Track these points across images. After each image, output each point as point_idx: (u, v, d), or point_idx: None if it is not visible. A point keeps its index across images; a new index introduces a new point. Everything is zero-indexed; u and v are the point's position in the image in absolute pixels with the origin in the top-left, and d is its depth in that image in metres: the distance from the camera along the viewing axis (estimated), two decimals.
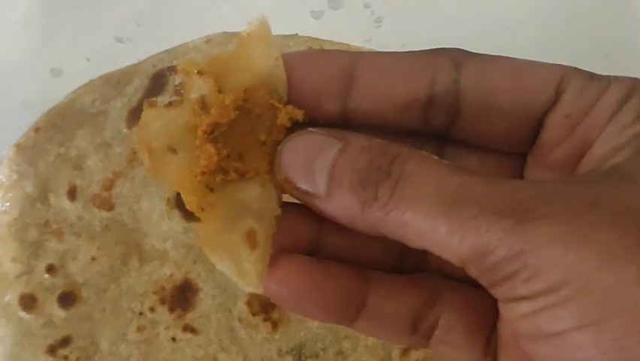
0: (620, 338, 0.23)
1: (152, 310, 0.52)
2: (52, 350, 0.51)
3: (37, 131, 0.54)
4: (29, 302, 0.52)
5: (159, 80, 0.55)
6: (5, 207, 0.53)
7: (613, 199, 0.25)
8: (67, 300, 0.52)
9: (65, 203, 0.53)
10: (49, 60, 0.59)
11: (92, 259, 0.52)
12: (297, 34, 0.57)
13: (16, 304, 0.52)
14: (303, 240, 0.31)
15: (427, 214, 0.26)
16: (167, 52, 0.56)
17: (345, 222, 0.28)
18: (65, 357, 0.51)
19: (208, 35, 0.57)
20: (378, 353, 0.51)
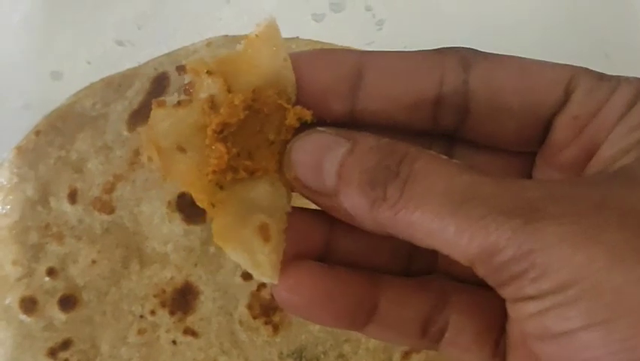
0: (629, 338, 0.23)
1: (153, 313, 0.52)
2: (53, 353, 0.51)
3: (37, 134, 0.54)
4: (30, 305, 0.52)
5: (160, 83, 0.55)
6: (6, 210, 0.53)
7: (621, 200, 0.25)
8: (67, 303, 0.52)
9: (66, 206, 0.53)
10: (49, 63, 0.59)
11: (93, 262, 0.52)
12: (298, 37, 0.57)
13: (17, 307, 0.52)
14: (313, 245, 0.31)
15: (435, 214, 0.26)
16: (167, 55, 0.56)
17: (354, 221, 0.28)
18: (66, 360, 0.51)
19: (209, 38, 0.57)
20: (379, 357, 0.51)
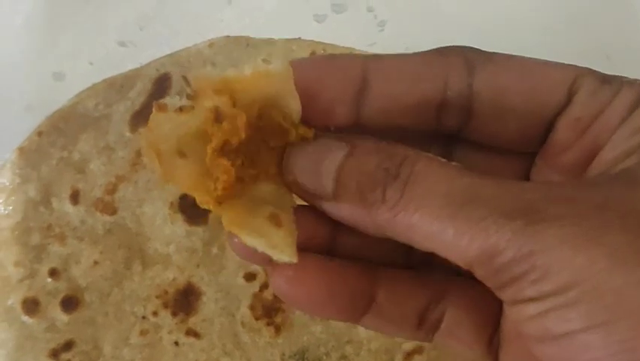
0: (629, 340, 0.23)
1: (155, 314, 0.52)
2: (55, 354, 0.51)
3: (40, 135, 0.54)
4: (32, 306, 0.52)
5: (162, 84, 0.55)
6: (8, 210, 0.53)
7: (623, 202, 0.25)
8: (69, 304, 0.52)
9: (68, 207, 0.53)
10: (52, 64, 0.59)
11: (95, 263, 0.52)
12: (300, 37, 0.57)
13: (19, 308, 0.51)
14: (318, 241, 0.31)
15: (435, 216, 0.26)
16: (169, 56, 0.56)
17: (353, 224, 0.28)
18: None
19: (211, 39, 0.56)
20: (381, 358, 0.50)
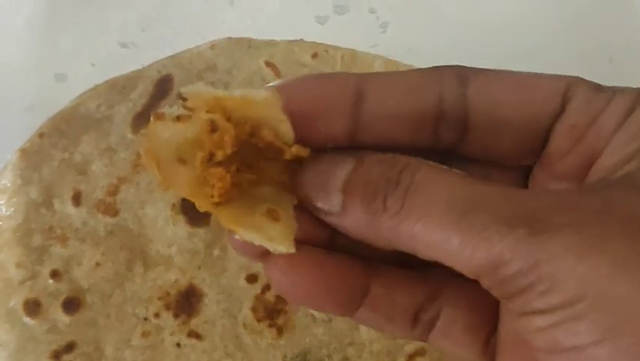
0: (633, 345, 0.23)
1: (157, 315, 0.52)
2: (57, 355, 0.51)
3: (41, 136, 0.54)
4: (33, 308, 0.51)
5: (164, 86, 0.55)
6: (10, 212, 0.53)
7: (623, 207, 0.25)
8: (71, 305, 0.52)
9: (70, 208, 0.53)
10: (53, 65, 0.59)
11: (97, 264, 0.52)
12: (302, 39, 0.56)
13: (21, 309, 0.51)
14: (317, 238, 0.31)
15: (438, 225, 0.26)
16: (171, 57, 0.56)
17: (361, 237, 0.28)
18: None
19: (212, 40, 0.56)
20: (383, 360, 0.50)
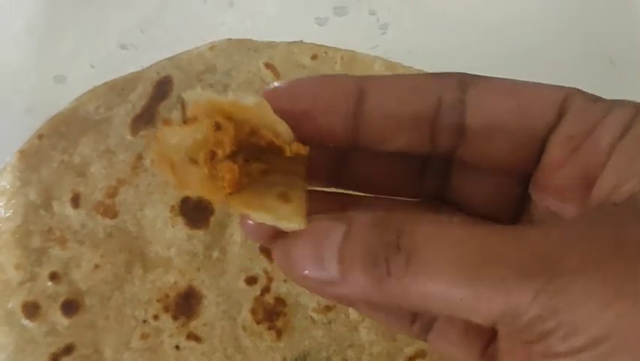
0: None
1: (156, 318, 0.51)
2: (56, 358, 0.51)
3: (40, 138, 0.54)
4: (32, 310, 0.51)
5: (163, 87, 0.55)
6: (9, 213, 0.53)
7: (636, 240, 0.25)
8: (70, 308, 0.51)
9: (69, 210, 0.53)
10: (53, 67, 0.59)
11: (96, 266, 0.52)
12: (301, 41, 0.56)
13: (19, 311, 0.51)
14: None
15: (449, 282, 0.25)
16: (170, 59, 0.56)
17: (364, 301, 0.28)
18: None
19: (212, 42, 0.56)
20: None
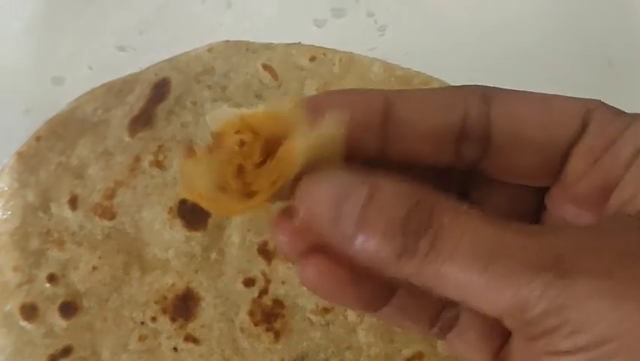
0: None
1: (154, 319, 0.51)
2: (54, 359, 0.51)
3: (38, 139, 0.54)
4: (30, 312, 0.51)
5: (161, 89, 0.55)
6: (6, 215, 0.53)
7: None
8: (68, 309, 0.51)
9: (67, 212, 0.53)
10: (50, 68, 0.59)
11: (94, 268, 0.52)
12: (299, 42, 0.56)
13: (17, 313, 0.51)
14: None
15: (464, 269, 0.26)
16: (168, 60, 0.56)
17: (373, 267, 0.28)
18: None
19: (210, 44, 0.56)
20: None
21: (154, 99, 0.55)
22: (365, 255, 0.28)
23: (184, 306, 0.52)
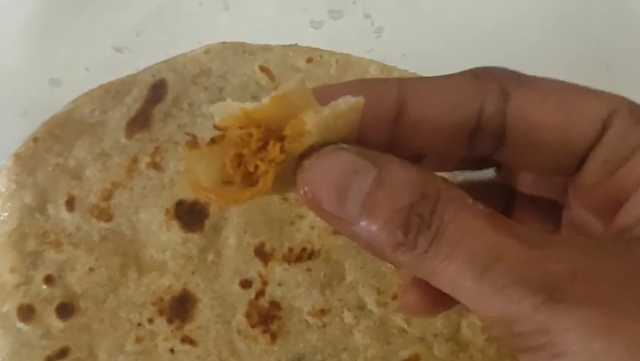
0: None
1: (151, 321, 0.51)
2: None
3: (35, 141, 0.54)
4: (27, 313, 0.51)
5: (158, 90, 0.55)
6: (4, 217, 0.53)
7: None
8: (65, 311, 0.51)
9: (64, 213, 0.53)
10: (48, 70, 0.59)
11: (91, 269, 0.52)
12: (296, 44, 0.56)
13: (14, 314, 0.51)
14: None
15: (459, 272, 0.26)
16: (165, 62, 0.56)
17: (371, 251, 0.28)
18: None
19: (207, 45, 0.56)
20: None
21: (151, 101, 0.55)
22: (364, 238, 0.28)
23: (181, 308, 0.52)
